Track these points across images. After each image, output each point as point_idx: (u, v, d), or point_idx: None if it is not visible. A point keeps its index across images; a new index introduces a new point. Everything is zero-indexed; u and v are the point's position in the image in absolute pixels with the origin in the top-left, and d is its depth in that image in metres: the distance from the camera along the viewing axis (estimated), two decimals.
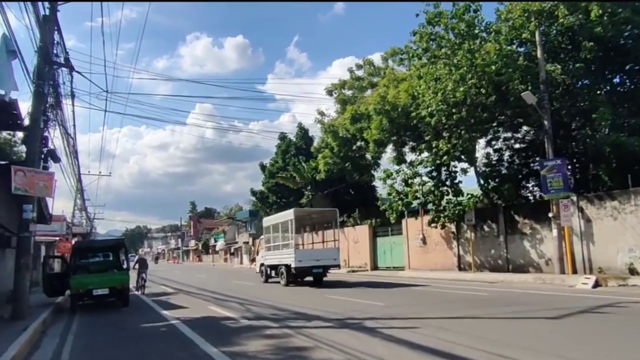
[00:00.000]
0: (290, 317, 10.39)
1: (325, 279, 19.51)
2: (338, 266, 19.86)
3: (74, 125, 16.54)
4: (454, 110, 19.21)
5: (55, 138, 16.99)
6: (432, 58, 20.47)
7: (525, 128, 23.20)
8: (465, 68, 18.30)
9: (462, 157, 19.98)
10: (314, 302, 13.06)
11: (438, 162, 20.79)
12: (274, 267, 20.89)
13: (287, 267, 18.92)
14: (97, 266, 15.14)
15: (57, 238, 28.27)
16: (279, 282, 19.90)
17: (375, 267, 29.24)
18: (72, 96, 13.38)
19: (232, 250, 61.83)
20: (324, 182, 35.48)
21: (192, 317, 10.95)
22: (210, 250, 73.64)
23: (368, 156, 32.68)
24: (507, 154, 23.97)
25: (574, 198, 17.43)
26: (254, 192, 44.09)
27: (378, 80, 29.75)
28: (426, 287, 16.74)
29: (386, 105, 21.66)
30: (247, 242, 52.82)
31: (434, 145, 20.17)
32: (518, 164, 23.37)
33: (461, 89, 18.70)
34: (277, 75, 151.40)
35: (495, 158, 23.42)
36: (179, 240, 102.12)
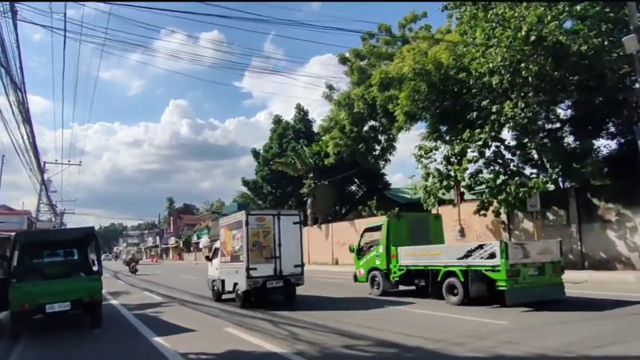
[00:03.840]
0: (392, 356, 6.09)
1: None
2: None
3: (21, 68, 11.63)
4: (522, 66, 15.15)
5: None
6: (487, 6, 16.41)
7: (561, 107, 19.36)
8: (542, 7, 14.28)
9: (529, 127, 15.92)
10: (385, 320, 8.78)
11: (494, 134, 16.71)
12: None
13: None
14: (54, 268, 10.46)
15: (13, 234, 23.13)
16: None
17: None
18: (13, 11, 8.69)
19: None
20: (328, 170, 31.13)
21: (209, 354, 6.55)
22: (192, 248, 68.37)
23: (381, 138, 28.55)
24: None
25: None
26: (245, 182, 39.35)
27: (395, 51, 25.57)
28: None
29: (427, 64, 17.42)
30: None
31: (494, 111, 16.01)
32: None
33: (532, 38, 14.66)
34: (254, 72, 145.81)
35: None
36: (157, 237, 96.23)
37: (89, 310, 9.35)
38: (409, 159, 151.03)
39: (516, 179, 16.81)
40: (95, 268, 10.62)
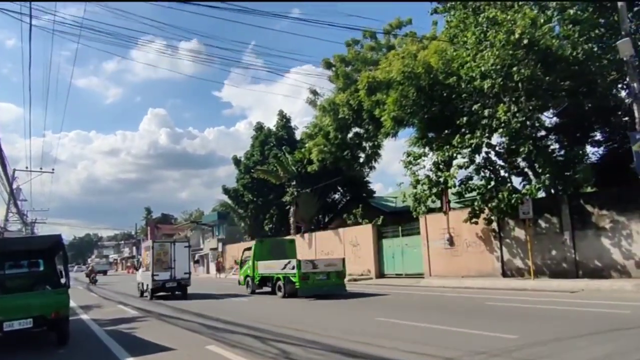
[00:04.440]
0: None
1: None
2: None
3: None
4: (514, 70, 14.81)
5: None
6: (477, 10, 16.13)
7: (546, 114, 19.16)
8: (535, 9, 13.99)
9: (521, 132, 15.50)
10: (382, 333, 8.04)
11: (485, 139, 16.32)
12: None
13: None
14: (15, 281, 9.46)
15: None
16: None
17: (381, 274, 24.45)
18: None
19: (196, 258, 55.40)
20: (311, 177, 30.46)
21: None
22: None
23: (366, 145, 28.04)
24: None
25: None
26: (226, 190, 38.28)
27: (380, 57, 25.20)
28: (507, 301, 12.09)
29: (418, 67, 16.96)
30: (214, 249, 46.82)
31: (486, 115, 15.61)
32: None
33: (525, 41, 14.34)
34: (233, 82, 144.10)
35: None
36: (134, 248, 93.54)
37: (54, 328, 8.37)
38: (388, 168, 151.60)
39: (508, 185, 16.42)
40: (63, 280, 9.64)
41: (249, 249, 19.95)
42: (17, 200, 35.05)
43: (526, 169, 18.35)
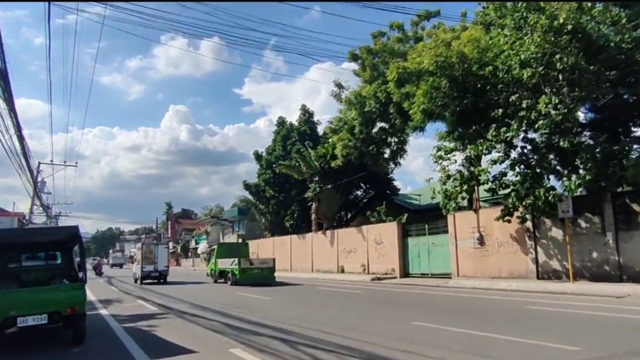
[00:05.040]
0: None
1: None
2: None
3: (0, 45, 10.24)
4: (556, 58, 13.84)
5: None
6: None
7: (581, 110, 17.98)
8: None
9: (562, 125, 14.50)
10: (421, 339, 7.30)
11: (522, 133, 15.39)
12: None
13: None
14: (32, 274, 9.06)
15: None
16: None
17: (405, 273, 23.62)
18: None
19: None
20: (334, 173, 29.79)
21: None
22: (190, 254, 66.78)
23: (391, 140, 27.17)
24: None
25: None
26: (247, 186, 37.81)
27: (407, 49, 24.30)
28: (549, 305, 11.21)
29: (452, 56, 16.08)
30: None
31: (525, 107, 14.68)
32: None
33: (569, 27, 13.38)
34: (254, 79, 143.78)
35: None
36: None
37: (69, 324, 7.91)
38: (409, 166, 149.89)
39: (545, 182, 15.45)
40: (80, 274, 9.18)
41: (213, 249, 27.81)
42: (41, 193, 35.26)
43: (558, 167, 17.31)
